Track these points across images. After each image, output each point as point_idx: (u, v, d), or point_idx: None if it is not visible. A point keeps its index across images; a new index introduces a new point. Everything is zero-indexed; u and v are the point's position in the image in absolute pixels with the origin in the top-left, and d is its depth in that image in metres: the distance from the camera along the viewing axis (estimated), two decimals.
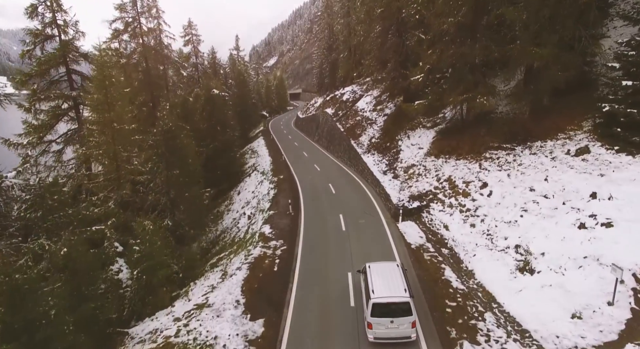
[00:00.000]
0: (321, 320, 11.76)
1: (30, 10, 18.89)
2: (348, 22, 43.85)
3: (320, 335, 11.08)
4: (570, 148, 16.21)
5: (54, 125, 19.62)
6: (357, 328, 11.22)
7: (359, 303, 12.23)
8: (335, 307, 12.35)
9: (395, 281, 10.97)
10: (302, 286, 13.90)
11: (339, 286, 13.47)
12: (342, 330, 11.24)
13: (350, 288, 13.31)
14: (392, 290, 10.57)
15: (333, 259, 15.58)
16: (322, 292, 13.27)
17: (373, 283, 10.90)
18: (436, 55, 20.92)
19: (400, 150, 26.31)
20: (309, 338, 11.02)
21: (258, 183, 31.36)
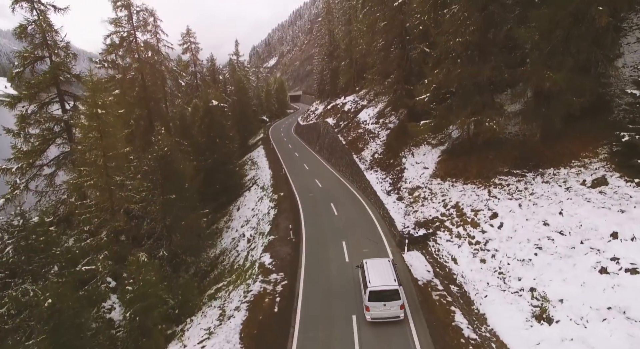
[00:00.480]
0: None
1: (19, 30, 18.10)
2: (349, 30, 43.00)
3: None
4: (585, 179, 15.36)
5: (45, 150, 18.81)
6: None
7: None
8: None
9: (386, 274, 13.61)
10: (304, 330, 13.10)
11: (343, 332, 12.67)
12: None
13: (355, 334, 12.52)
14: (384, 280, 13.22)
15: (336, 296, 14.79)
16: (325, 338, 12.48)
17: (369, 275, 13.57)
18: (442, 74, 20.08)
19: (405, 169, 25.49)
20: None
21: (258, 200, 30.57)
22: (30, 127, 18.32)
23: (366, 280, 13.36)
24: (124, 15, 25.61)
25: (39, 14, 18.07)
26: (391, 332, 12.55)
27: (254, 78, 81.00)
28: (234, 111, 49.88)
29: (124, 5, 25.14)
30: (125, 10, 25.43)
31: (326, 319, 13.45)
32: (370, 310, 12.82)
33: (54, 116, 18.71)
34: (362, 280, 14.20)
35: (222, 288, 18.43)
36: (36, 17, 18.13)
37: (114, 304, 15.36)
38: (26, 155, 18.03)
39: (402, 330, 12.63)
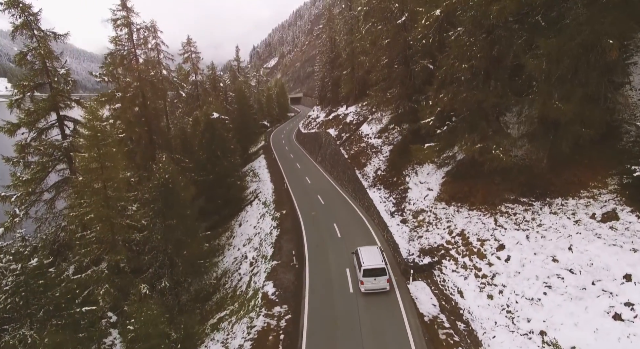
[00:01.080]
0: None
1: (19, 58, 17.83)
2: (351, 40, 42.63)
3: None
4: (595, 212, 15.07)
5: (44, 178, 18.56)
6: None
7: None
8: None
9: (376, 256, 17.52)
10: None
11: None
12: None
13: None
14: (374, 261, 17.05)
15: (341, 331, 14.54)
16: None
17: (362, 257, 17.36)
18: (447, 98, 19.78)
19: (408, 188, 25.21)
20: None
21: (260, 217, 30.32)
22: (30, 155, 18.08)
23: (360, 261, 17.18)
24: (124, 33, 25.33)
25: (38, 41, 17.79)
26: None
27: (254, 83, 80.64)
28: (235, 120, 49.60)
29: (124, 24, 24.84)
30: (125, 29, 25.15)
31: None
32: (365, 284, 16.67)
33: (54, 144, 18.44)
34: (356, 262, 18.11)
35: (224, 317, 18.19)
36: (36, 44, 17.85)
37: (114, 340, 15.12)
38: (25, 183, 17.78)
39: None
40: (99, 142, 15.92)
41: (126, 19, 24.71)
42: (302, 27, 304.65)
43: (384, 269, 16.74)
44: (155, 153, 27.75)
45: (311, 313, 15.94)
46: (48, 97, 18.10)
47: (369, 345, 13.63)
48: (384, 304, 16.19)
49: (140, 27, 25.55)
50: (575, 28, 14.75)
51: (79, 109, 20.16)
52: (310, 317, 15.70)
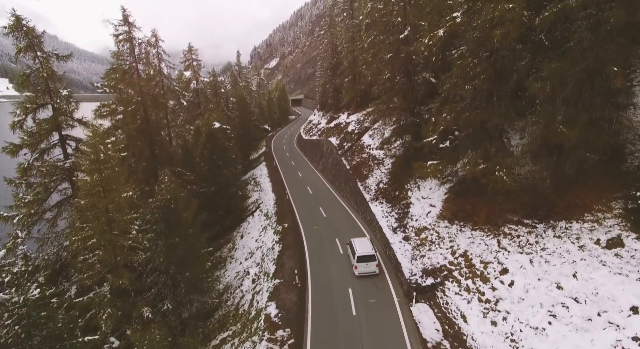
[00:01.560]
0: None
1: (22, 80, 17.81)
2: (353, 49, 42.56)
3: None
4: (600, 237, 15.00)
5: (47, 199, 18.55)
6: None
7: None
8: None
9: (367, 246, 20.86)
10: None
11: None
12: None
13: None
14: (366, 249, 20.38)
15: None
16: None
17: (356, 247, 20.60)
18: (451, 116, 19.70)
19: (411, 204, 25.14)
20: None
21: (262, 229, 30.30)
22: (32, 176, 18.06)
23: (354, 250, 20.47)
24: (126, 48, 25.31)
25: (41, 63, 17.78)
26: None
27: (255, 88, 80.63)
28: (236, 128, 49.56)
29: (125, 40, 24.82)
30: (127, 44, 25.13)
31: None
32: (358, 268, 19.94)
33: (56, 165, 18.41)
34: (350, 251, 21.45)
35: (227, 339, 18.16)
36: (39, 65, 17.84)
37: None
38: (27, 205, 17.78)
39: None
40: (100, 165, 15.89)
41: (128, 34, 24.70)
42: (302, 27, 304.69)
43: (374, 256, 20.10)
44: (157, 167, 27.75)
45: (314, 338, 15.87)
46: (50, 118, 18.06)
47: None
48: (388, 328, 16.14)
49: (141, 41, 25.57)
50: (579, 53, 14.67)
51: (82, 123, 20.13)
52: (313, 342, 15.64)
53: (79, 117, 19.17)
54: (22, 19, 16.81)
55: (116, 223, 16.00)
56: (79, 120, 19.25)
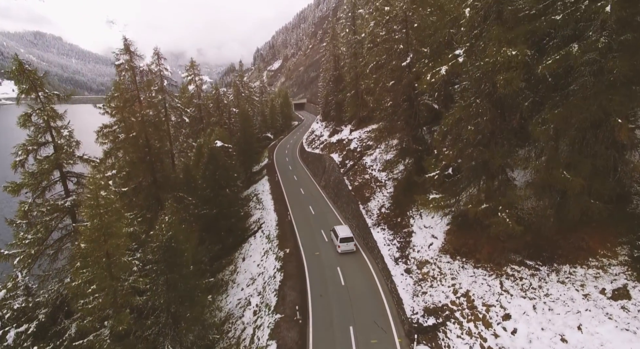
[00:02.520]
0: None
1: (24, 119, 17.85)
2: (355, 65, 42.40)
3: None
4: (605, 286, 14.80)
5: (47, 237, 18.58)
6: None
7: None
8: None
9: (347, 231, 27.58)
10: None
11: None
12: None
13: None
14: (346, 233, 27.13)
15: None
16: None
17: (338, 232, 27.15)
18: (453, 152, 19.55)
19: (413, 232, 24.98)
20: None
21: (263, 253, 30.27)
22: (33, 216, 18.08)
23: (337, 234, 27.10)
24: (128, 77, 25.35)
25: (43, 104, 17.82)
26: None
27: (257, 97, 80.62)
28: (238, 142, 49.59)
29: (127, 69, 24.86)
30: (129, 72, 25.17)
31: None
32: (341, 247, 26.52)
33: (57, 205, 18.43)
34: (334, 235, 27.89)
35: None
36: (40, 105, 17.88)
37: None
38: (28, 245, 17.81)
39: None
40: (101, 209, 15.87)
41: (129, 63, 24.73)
42: (305, 29, 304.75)
43: (352, 237, 27.14)
44: (158, 193, 27.78)
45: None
46: (51, 157, 18.10)
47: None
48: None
49: (143, 69, 25.58)
50: (583, 100, 14.45)
51: (84, 160, 20.12)
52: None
53: (79, 154, 19.15)
54: (24, 63, 16.85)
55: (116, 267, 15.98)
56: (81, 157, 19.26)
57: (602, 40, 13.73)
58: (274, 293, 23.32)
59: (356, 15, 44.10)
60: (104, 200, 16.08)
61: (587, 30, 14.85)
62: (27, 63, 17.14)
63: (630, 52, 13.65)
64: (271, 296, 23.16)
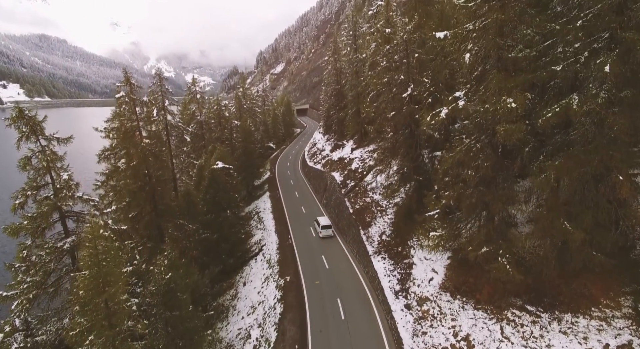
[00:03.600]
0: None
1: (24, 162, 17.94)
2: (357, 84, 42.33)
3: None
4: (609, 342, 14.64)
5: (46, 280, 18.62)
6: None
7: None
8: None
9: (327, 220, 34.83)
10: None
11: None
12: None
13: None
14: (326, 222, 34.21)
15: None
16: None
17: (320, 221, 34.24)
18: (453, 193, 19.41)
19: (413, 264, 24.86)
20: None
21: (264, 280, 30.26)
22: (31, 262, 18.15)
23: (319, 223, 33.90)
24: (128, 109, 25.44)
25: (43, 147, 17.91)
26: None
27: (260, 109, 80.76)
28: (240, 158, 49.66)
29: (125, 102, 24.95)
30: (130, 104, 25.25)
31: None
32: (322, 233, 33.13)
33: (56, 247, 18.48)
34: (317, 224, 34.68)
35: None
36: (40, 148, 17.97)
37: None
38: (26, 290, 17.87)
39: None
40: (100, 258, 15.87)
41: (129, 95, 24.81)
42: (308, 33, 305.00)
43: (330, 226, 34.08)
44: (159, 221, 27.84)
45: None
46: (51, 200, 18.16)
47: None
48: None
49: (143, 100, 25.64)
50: (584, 154, 14.30)
51: (84, 200, 20.18)
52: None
53: (79, 195, 19.18)
54: (24, 110, 16.93)
55: (115, 316, 15.96)
56: (80, 198, 19.31)
57: (602, 95, 13.61)
58: (273, 327, 23.27)
59: (357, 34, 44.06)
60: (102, 249, 16.07)
61: (586, 81, 14.74)
62: (27, 110, 17.17)
63: (630, 108, 13.51)
64: (271, 331, 23.11)
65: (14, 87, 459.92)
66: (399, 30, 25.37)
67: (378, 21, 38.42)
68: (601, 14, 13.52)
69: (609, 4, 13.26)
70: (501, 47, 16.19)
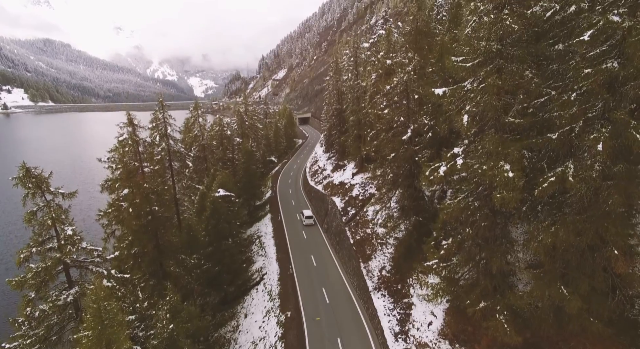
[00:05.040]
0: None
1: (29, 217, 18.29)
2: (358, 109, 42.70)
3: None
4: None
5: (49, 335, 18.90)
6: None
7: None
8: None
9: (309, 212, 46.95)
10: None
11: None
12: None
13: None
14: (309, 213, 46.33)
15: None
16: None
17: (304, 213, 46.70)
18: (453, 245, 19.61)
19: (413, 305, 25.02)
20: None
21: (265, 313, 30.48)
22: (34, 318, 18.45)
23: (303, 214, 46.12)
24: (130, 151, 25.84)
25: (48, 202, 18.27)
26: None
27: (262, 126, 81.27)
28: (242, 180, 50.01)
29: (130, 142, 25.34)
30: (133, 145, 25.64)
31: None
32: (305, 222, 44.68)
33: (59, 302, 18.78)
34: (301, 214, 46.92)
35: None
36: (45, 203, 18.32)
37: None
38: (30, 344, 18.15)
39: None
40: (103, 317, 16.15)
41: (132, 137, 25.22)
42: (310, 39, 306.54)
43: (312, 216, 44.88)
44: (161, 258, 28.14)
45: None
46: (55, 254, 18.49)
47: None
48: None
49: (145, 141, 26.03)
50: (580, 224, 14.48)
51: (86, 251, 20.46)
52: None
53: (83, 246, 19.50)
54: (30, 169, 17.31)
55: None
56: (84, 249, 19.62)
57: (596, 167, 13.83)
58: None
59: (359, 61, 44.47)
60: (105, 308, 16.36)
61: (581, 150, 14.96)
62: (33, 168, 17.56)
63: (624, 182, 13.72)
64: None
65: (19, 92, 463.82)
66: (399, 71, 25.66)
67: (379, 49, 38.80)
68: (593, 90, 13.77)
69: (600, 81, 13.51)
70: (498, 109, 16.45)
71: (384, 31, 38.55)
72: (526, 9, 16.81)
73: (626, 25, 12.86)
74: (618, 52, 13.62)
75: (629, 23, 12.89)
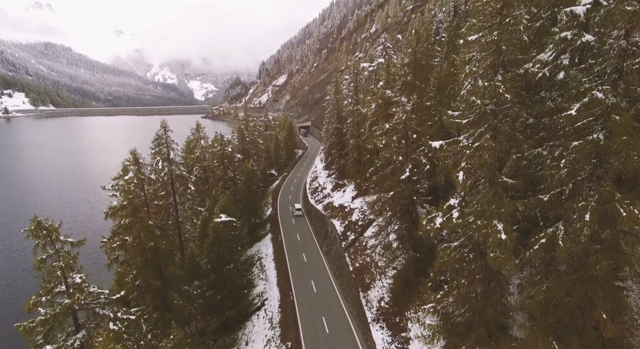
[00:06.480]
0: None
1: (39, 264, 18.95)
2: (358, 134, 43.43)
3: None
4: None
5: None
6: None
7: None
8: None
9: (299, 205, 59.60)
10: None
11: None
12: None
13: None
14: (299, 206, 59.23)
15: None
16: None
17: (295, 206, 59.69)
18: (448, 295, 20.20)
19: (410, 340, 25.58)
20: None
21: (266, 342, 31.06)
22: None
23: (295, 207, 59.07)
24: (133, 184, 26.51)
25: (57, 250, 18.91)
26: None
27: (262, 141, 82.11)
28: (243, 201, 50.65)
29: (135, 180, 26.04)
30: (138, 184, 26.32)
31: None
32: (295, 212, 57.63)
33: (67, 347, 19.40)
34: (293, 208, 59.05)
35: None
36: (54, 251, 18.96)
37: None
38: None
39: None
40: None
41: (137, 176, 25.89)
42: (310, 45, 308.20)
43: (301, 209, 58.14)
44: (165, 290, 28.71)
45: None
46: (64, 305, 19.10)
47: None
48: None
49: (149, 177, 26.71)
50: (571, 284, 15.11)
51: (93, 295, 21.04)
52: None
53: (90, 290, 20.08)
54: (42, 222, 17.97)
55: None
56: (91, 293, 20.21)
57: (585, 232, 14.46)
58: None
59: (358, 87, 45.28)
60: None
61: (572, 211, 15.61)
62: (43, 220, 18.22)
63: (610, 250, 14.36)
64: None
65: (20, 96, 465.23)
66: (398, 111, 26.34)
67: (379, 77, 39.58)
68: (580, 159, 14.45)
69: (587, 151, 14.19)
70: (492, 168, 17.12)
71: (384, 60, 39.40)
72: (517, 69, 17.56)
73: (609, 103, 13.60)
74: (604, 121, 14.33)
75: (612, 100, 13.63)
